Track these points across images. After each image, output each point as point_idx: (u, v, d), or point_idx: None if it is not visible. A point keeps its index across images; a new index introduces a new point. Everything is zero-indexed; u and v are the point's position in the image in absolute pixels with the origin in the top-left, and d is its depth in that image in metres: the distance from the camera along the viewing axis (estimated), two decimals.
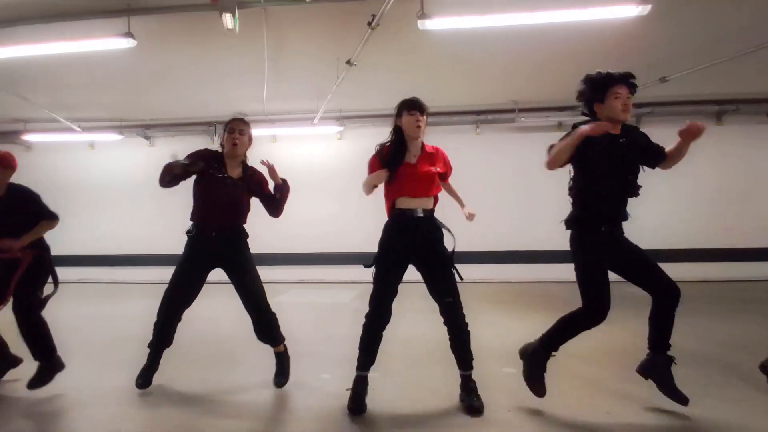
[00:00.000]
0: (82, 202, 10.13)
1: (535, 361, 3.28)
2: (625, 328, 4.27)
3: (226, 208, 3.59)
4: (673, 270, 3.17)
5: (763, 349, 3.75)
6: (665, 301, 3.07)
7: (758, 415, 3.09)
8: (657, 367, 3.11)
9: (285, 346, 3.84)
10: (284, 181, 3.76)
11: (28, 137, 9.59)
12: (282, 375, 3.76)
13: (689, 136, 3.00)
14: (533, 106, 8.99)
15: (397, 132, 3.32)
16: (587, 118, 3.14)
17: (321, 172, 9.96)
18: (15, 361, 3.83)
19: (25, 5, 4.86)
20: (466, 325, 3.32)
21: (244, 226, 3.75)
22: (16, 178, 3.77)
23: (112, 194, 10.37)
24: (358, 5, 4.80)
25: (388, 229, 3.36)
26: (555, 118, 9.09)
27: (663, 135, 9.54)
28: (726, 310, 6.53)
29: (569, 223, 3.20)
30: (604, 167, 3.03)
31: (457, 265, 3.34)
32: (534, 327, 4.14)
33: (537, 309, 6.81)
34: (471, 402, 3.22)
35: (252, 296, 3.66)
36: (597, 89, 3.05)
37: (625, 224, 3.23)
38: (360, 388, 3.28)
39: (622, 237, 3.19)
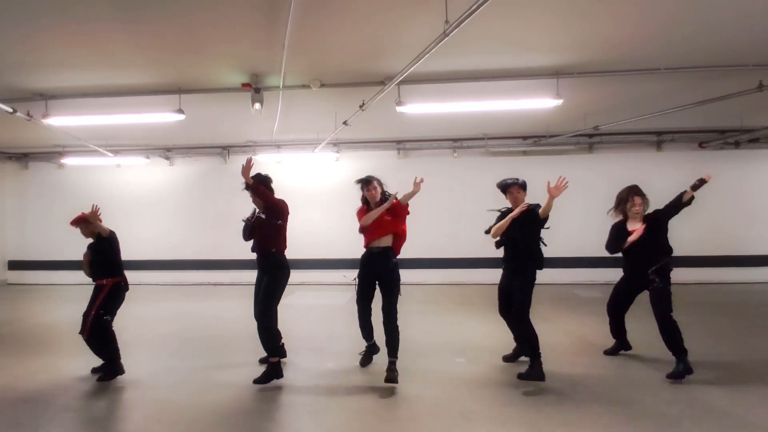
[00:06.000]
0: (108, 214, 11.35)
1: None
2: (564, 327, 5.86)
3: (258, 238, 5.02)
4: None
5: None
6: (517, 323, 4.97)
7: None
8: (524, 352, 5.09)
9: (278, 362, 4.85)
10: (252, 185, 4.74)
11: (66, 161, 10.78)
12: (261, 380, 4.77)
13: (555, 191, 4.59)
14: (499, 135, 10.58)
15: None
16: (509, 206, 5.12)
17: (320, 189, 11.42)
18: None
19: (103, 86, 6.31)
20: (397, 327, 4.84)
21: (278, 251, 5.07)
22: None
23: (136, 207, 11.69)
24: (354, 90, 6.32)
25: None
26: (517, 147, 10.70)
27: (609, 158, 12.01)
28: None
29: None
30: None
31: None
32: (491, 326, 5.67)
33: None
34: (390, 376, 4.69)
35: (258, 306, 4.96)
36: (503, 189, 5.08)
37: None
38: (369, 349, 5.17)
39: (515, 275, 4.94)
